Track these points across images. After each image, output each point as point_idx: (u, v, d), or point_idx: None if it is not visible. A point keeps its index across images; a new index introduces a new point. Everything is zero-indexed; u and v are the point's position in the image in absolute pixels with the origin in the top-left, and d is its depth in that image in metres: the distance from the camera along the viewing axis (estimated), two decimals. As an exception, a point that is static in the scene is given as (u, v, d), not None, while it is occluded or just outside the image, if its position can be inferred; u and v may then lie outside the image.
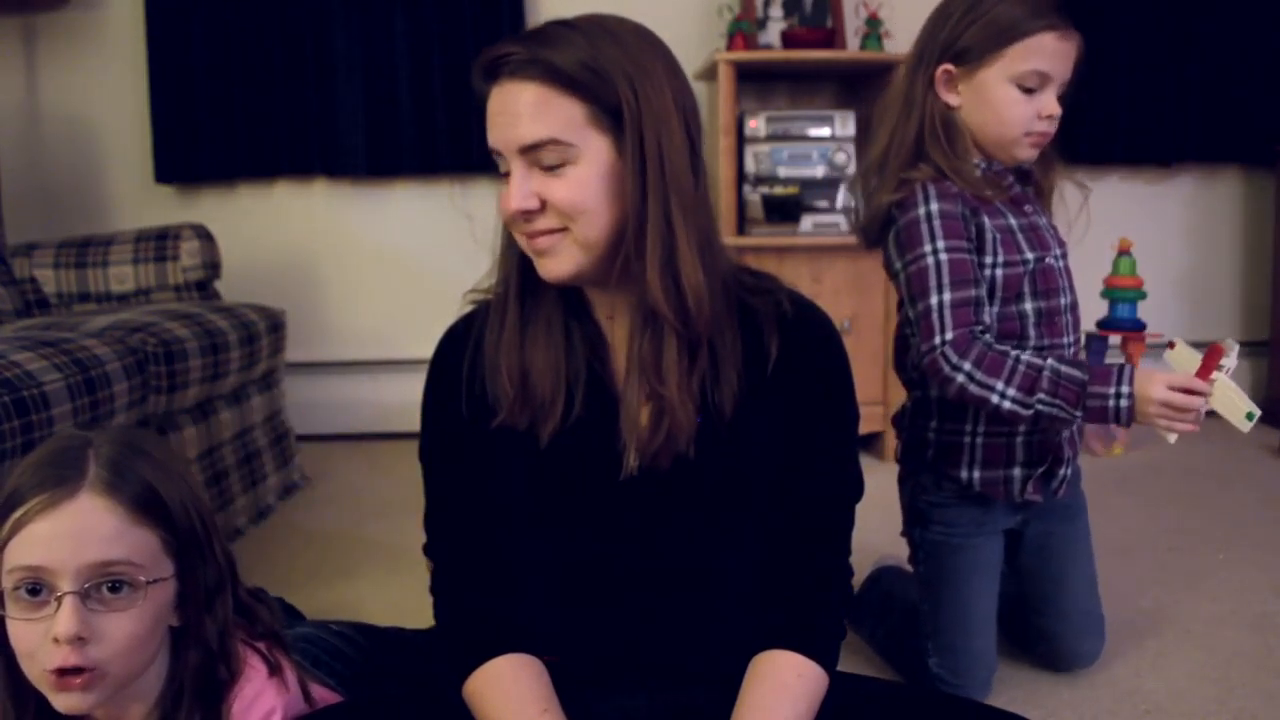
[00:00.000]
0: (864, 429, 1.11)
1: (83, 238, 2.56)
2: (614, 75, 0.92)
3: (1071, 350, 1.41)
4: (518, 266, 1.01)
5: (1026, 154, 1.37)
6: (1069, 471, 1.44)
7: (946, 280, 1.30)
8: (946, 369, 1.29)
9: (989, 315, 1.34)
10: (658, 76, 0.94)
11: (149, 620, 0.88)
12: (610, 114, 0.93)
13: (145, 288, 2.47)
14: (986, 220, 1.36)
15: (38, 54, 3.05)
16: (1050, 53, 1.32)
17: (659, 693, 1.03)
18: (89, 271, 2.48)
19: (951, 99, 1.37)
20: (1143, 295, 2.70)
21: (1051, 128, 1.35)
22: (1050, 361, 1.28)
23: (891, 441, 2.76)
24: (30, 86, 3.05)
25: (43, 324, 2.06)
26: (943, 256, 1.31)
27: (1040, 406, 1.26)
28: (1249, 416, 1.23)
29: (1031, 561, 1.50)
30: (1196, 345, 1.28)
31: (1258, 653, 1.59)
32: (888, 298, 2.73)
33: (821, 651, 0.99)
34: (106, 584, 0.86)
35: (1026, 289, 1.38)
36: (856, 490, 1.07)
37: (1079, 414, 1.24)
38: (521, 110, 0.91)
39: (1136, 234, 2.78)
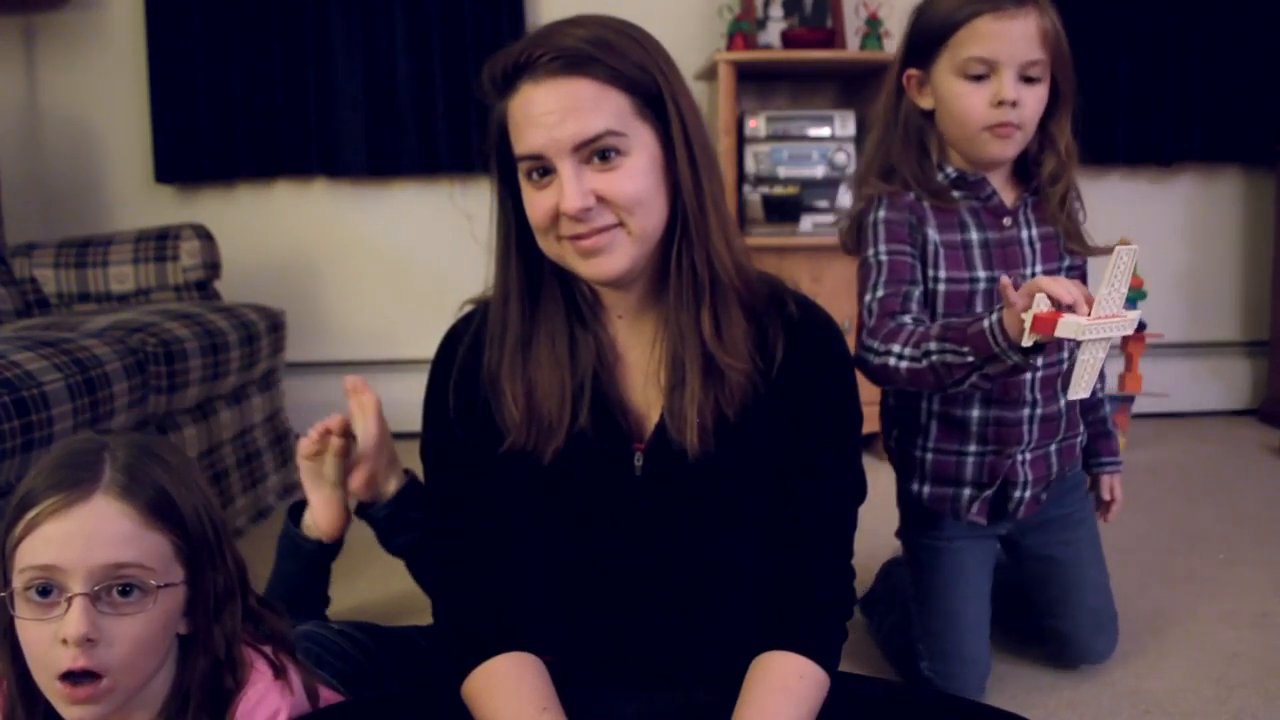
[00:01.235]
0: (864, 429, 1.10)
1: (83, 238, 2.56)
2: (649, 67, 0.94)
3: (1039, 377, 1.33)
4: (519, 275, 1.01)
5: (997, 149, 1.29)
6: (1026, 495, 1.40)
7: (883, 279, 1.32)
8: (861, 350, 1.31)
9: (916, 304, 1.32)
10: (676, 68, 0.98)
11: (158, 625, 0.88)
12: (650, 105, 0.95)
13: (145, 288, 2.47)
14: (933, 234, 1.33)
15: (38, 54, 3.04)
16: (988, 35, 1.23)
17: (659, 693, 1.03)
18: (89, 271, 2.48)
19: (925, 103, 1.34)
20: (1143, 295, 2.70)
21: (1014, 116, 1.25)
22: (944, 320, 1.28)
23: (891, 441, 2.78)
24: (30, 86, 3.05)
25: (43, 324, 2.06)
26: (884, 258, 1.33)
27: (934, 356, 1.21)
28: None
29: (1038, 569, 1.49)
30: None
31: (1258, 653, 1.59)
32: (888, 298, 2.73)
33: (823, 653, 0.99)
34: (117, 587, 0.86)
35: (980, 308, 1.32)
36: (860, 491, 1.07)
37: (966, 350, 1.17)
38: (578, 104, 0.91)
39: (1137, 234, 2.75)
